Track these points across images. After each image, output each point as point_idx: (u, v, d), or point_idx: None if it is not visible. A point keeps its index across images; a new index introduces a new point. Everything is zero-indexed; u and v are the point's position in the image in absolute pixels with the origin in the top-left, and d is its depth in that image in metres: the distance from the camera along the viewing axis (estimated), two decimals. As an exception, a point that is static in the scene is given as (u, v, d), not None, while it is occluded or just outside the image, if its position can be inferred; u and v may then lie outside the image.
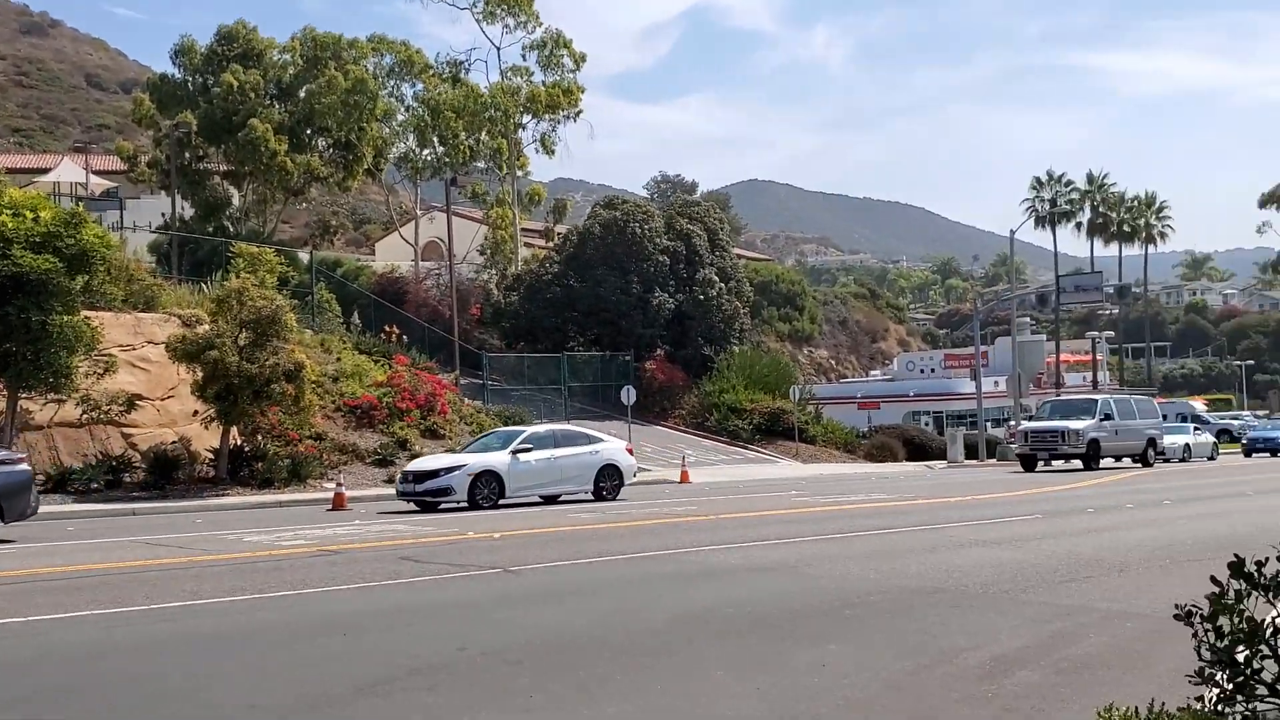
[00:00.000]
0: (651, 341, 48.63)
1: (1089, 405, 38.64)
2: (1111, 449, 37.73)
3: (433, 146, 56.54)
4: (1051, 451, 36.63)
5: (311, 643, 8.61)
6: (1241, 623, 4.39)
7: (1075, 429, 36.19)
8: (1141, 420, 39.62)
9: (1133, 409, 39.83)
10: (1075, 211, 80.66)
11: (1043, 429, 37.43)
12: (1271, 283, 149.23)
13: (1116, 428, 37.53)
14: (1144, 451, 38.87)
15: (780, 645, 8.15)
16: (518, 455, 23.33)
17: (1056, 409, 39.66)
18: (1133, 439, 38.57)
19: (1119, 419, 37.87)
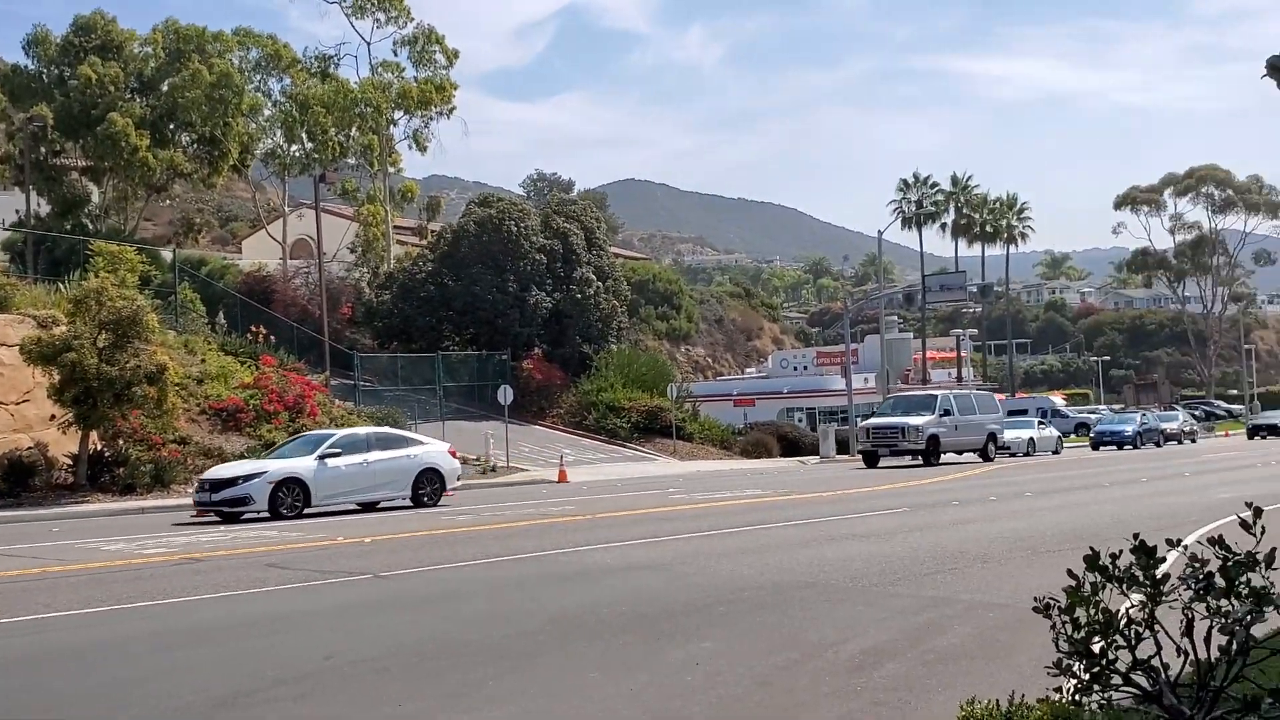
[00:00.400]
0: (529, 340, 48.39)
1: (929, 401, 38.41)
2: (951, 444, 37.64)
3: (301, 142, 55.31)
4: (892, 447, 36.26)
5: (172, 655, 8.30)
6: (1097, 614, 4.51)
7: (915, 425, 35.98)
8: (982, 415, 39.49)
9: (973, 404, 39.73)
10: (940, 213, 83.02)
11: (883, 425, 37.04)
12: (1126, 281, 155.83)
13: (956, 423, 37.51)
14: (984, 446, 38.76)
15: (655, 644, 8.14)
16: (325, 460, 21.90)
17: (898, 405, 39.35)
18: (973, 434, 38.48)
19: (959, 414, 37.81)
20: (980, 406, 40.16)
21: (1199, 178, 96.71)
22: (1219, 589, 4.23)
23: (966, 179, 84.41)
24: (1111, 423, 55.99)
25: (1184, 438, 57.48)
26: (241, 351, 37.78)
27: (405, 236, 61.48)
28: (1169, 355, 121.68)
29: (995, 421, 40.66)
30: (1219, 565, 4.33)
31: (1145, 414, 59.86)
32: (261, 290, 49.73)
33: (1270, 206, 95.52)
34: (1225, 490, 21.35)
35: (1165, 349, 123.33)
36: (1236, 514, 14.59)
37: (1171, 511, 17.31)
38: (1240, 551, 4.31)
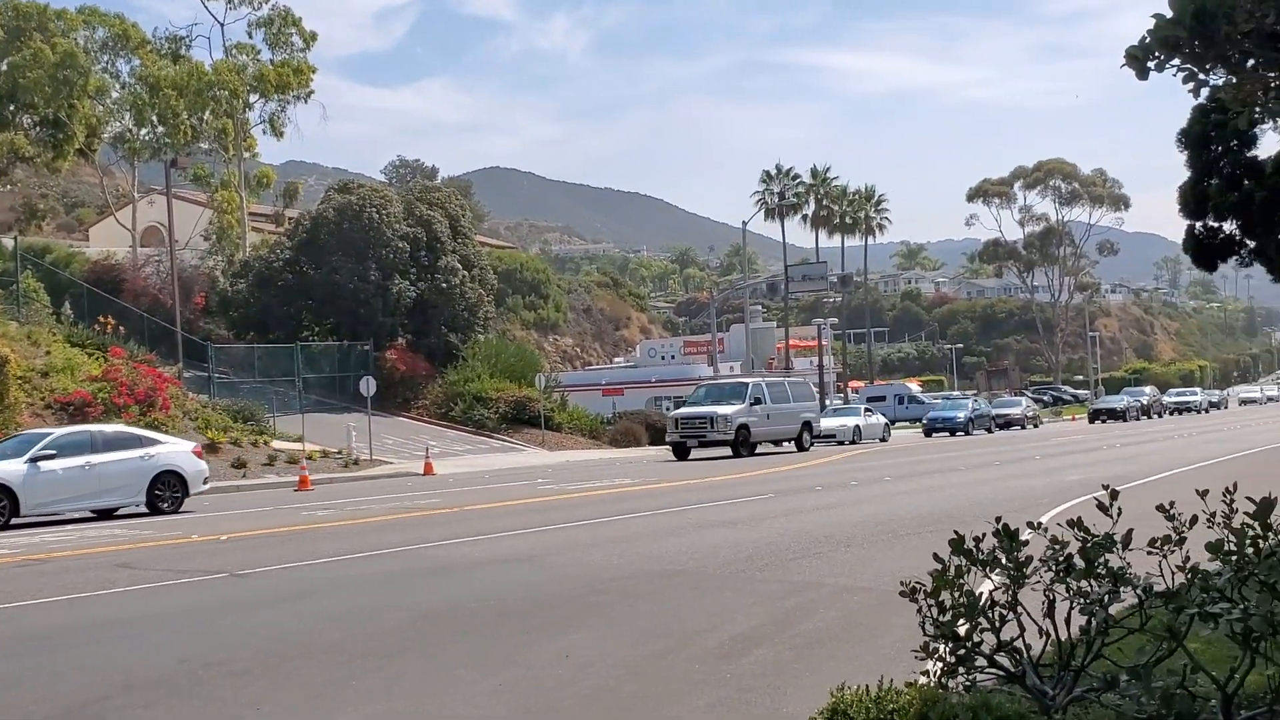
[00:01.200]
0: (392, 330, 47.57)
1: (740, 389, 36.53)
2: (763, 434, 35.85)
3: (152, 126, 53.18)
4: (700, 438, 34.28)
5: (16, 662, 7.84)
6: (961, 597, 4.57)
7: (724, 414, 34.18)
8: (796, 404, 37.74)
9: (786, 392, 37.82)
10: (802, 204, 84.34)
11: (692, 415, 35.18)
12: (978, 271, 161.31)
13: (769, 412, 35.74)
14: (799, 436, 37.11)
15: (524, 638, 8.03)
16: (38, 464, 19.60)
17: (710, 393, 37.37)
18: (786, 423, 36.85)
19: (771, 403, 35.99)
20: (795, 394, 38.34)
21: (1047, 171, 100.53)
22: (1079, 570, 4.32)
23: (826, 171, 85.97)
24: (943, 409, 54.86)
25: (1026, 423, 57.81)
26: (89, 343, 36.21)
27: (261, 224, 59.75)
28: (1019, 342, 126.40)
29: (811, 410, 39.13)
30: (1079, 547, 4.43)
31: (977, 400, 59.13)
32: (110, 279, 47.74)
33: (1113, 199, 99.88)
34: (1074, 473, 22.21)
35: (1015, 336, 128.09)
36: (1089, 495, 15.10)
37: (1025, 494, 17.90)
38: (1099, 533, 4.42)
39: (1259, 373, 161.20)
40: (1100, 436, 41.12)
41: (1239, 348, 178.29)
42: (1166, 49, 4.09)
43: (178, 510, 21.14)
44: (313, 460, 30.73)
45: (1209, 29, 3.83)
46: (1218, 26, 3.83)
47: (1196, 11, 3.81)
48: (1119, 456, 28.01)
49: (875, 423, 46.57)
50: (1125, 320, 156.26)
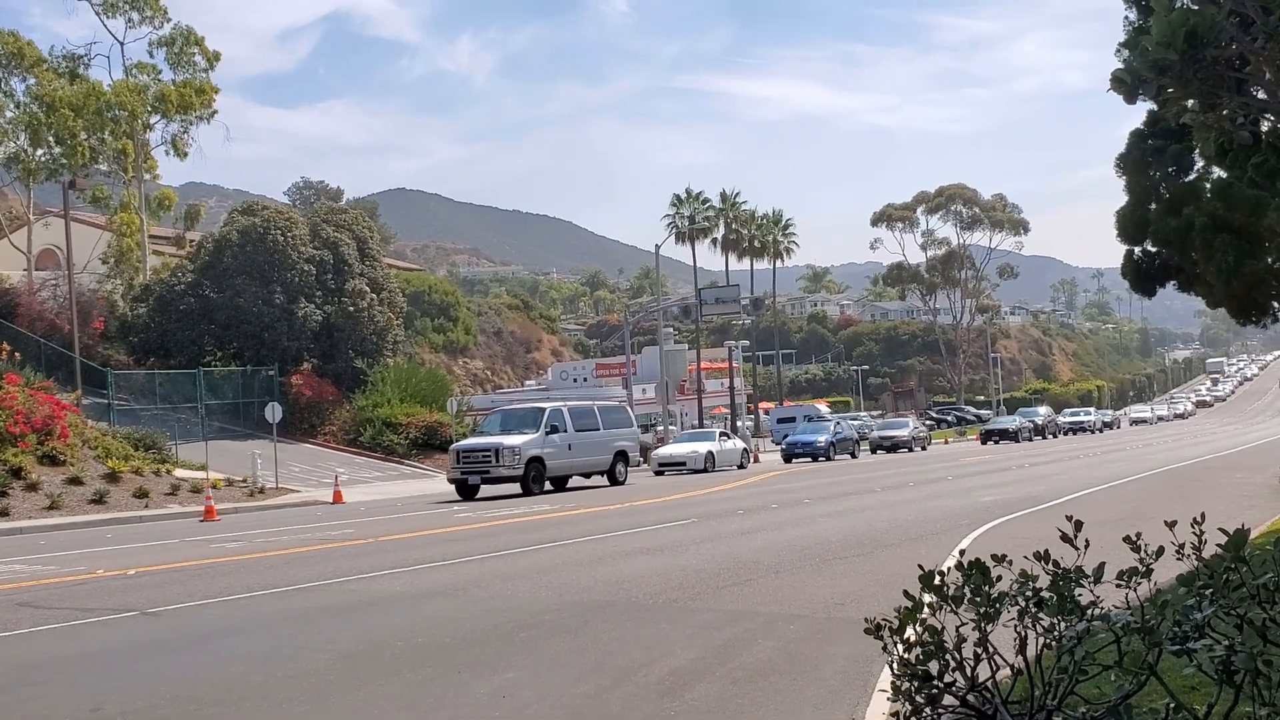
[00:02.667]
0: (298, 355, 46.58)
1: (534, 415, 31.66)
2: (563, 467, 31.41)
3: (48, 146, 51.42)
4: (484, 474, 29.37)
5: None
6: (925, 634, 4.44)
7: (511, 446, 29.42)
8: (608, 432, 33.02)
9: (595, 418, 32.96)
10: (712, 228, 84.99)
11: (474, 447, 30.15)
12: (882, 294, 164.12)
13: (571, 441, 31.18)
14: (611, 468, 32.81)
15: (456, 677, 7.73)
16: None
17: (506, 420, 32.45)
18: (593, 454, 32.27)
19: (574, 431, 31.37)
20: (607, 420, 33.50)
21: (948, 196, 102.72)
22: (1051, 605, 4.21)
23: (735, 196, 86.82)
24: (803, 433, 50.97)
25: (914, 445, 55.98)
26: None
27: (162, 246, 58.21)
28: (922, 363, 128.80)
29: (628, 438, 34.39)
30: (1049, 581, 4.33)
31: (840, 422, 55.76)
32: (4, 304, 45.95)
33: (1013, 224, 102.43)
34: (988, 494, 22.49)
35: (919, 358, 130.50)
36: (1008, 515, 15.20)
37: (944, 515, 18.04)
38: (1069, 566, 4.32)
39: (1154, 392, 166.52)
40: (1007, 457, 41.85)
41: (1134, 368, 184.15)
42: (1156, 73, 4.06)
43: None
44: (217, 489, 29.83)
45: (1200, 54, 3.81)
46: (1207, 49, 3.81)
47: (1189, 34, 3.78)
48: (1029, 477, 28.48)
49: (732, 448, 42.10)
50: (1025, 342, 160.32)
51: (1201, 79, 3.95)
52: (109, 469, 29.64)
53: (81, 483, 28.33)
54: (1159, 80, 4.07)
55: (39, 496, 26.72)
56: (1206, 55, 3.83)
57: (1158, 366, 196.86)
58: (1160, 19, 3.86)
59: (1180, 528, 4.40)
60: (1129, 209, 14.79)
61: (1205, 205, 13.06)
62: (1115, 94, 4.50)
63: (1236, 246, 13.04)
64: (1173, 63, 3.86)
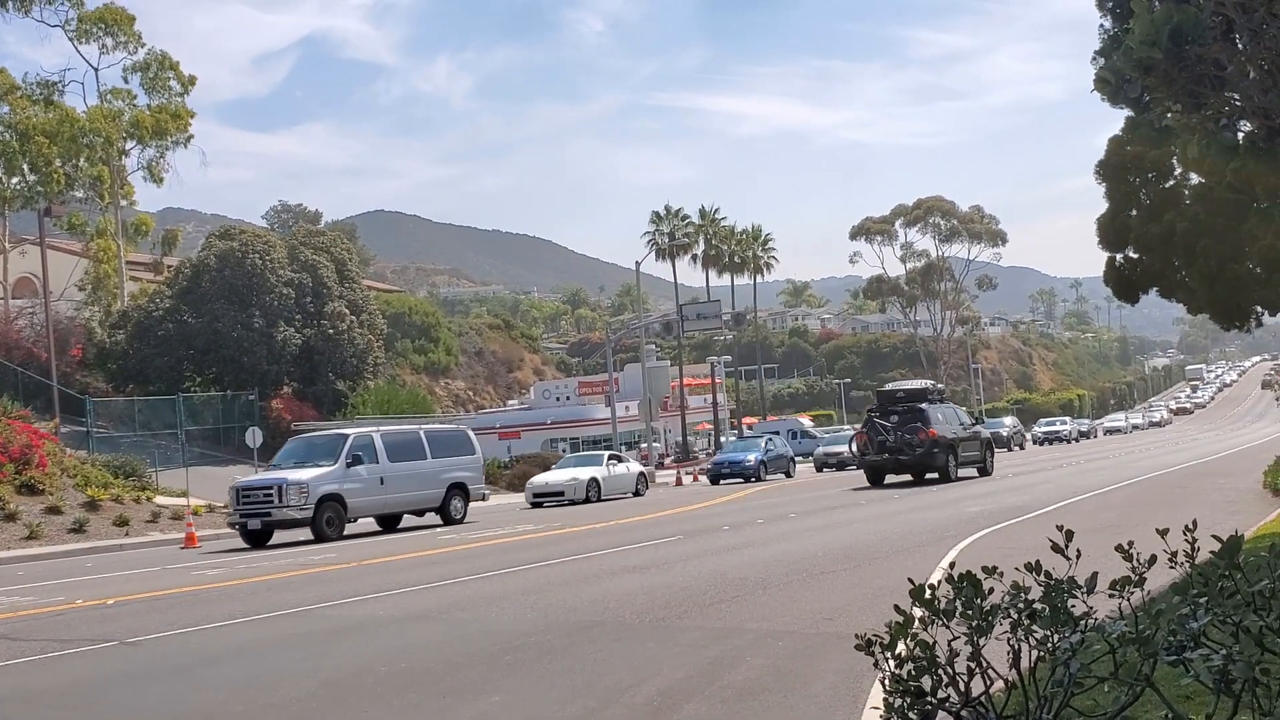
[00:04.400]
0: (278, 379, 46.38)
1: (334, 444, 25.97)
2: (371, 506, 26.12)
3: (23, 174, 51.16)
4: (265, 517, 24.25)
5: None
6: (916, 648, 4.36)
7: (299, 481, 24.17)
8: (438, 462, 27.52)
9: (421, 446, 27.36)
10: (692, 244, 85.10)
11: (256, 485, 25.06)
12: (862, 307, 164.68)
13: (383, 475, 25.85)
14: (444, 504, 27.47)
15: (441, 702, 7.61)
16: None
17: (303, 450, 26.70)
18: (417, 489, 26.93)
19: (388, 462, 26.00)
20: (437, 448, 27.84)
21: (927, 208, 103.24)
22: (1044, 618, 4.14)
23: (715, 212, 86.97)
24: (730, 451, 46.54)
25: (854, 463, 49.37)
26: (-44, 399, 34.45)
27: (140, 272, 57.97)
28: (904, 375, 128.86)
29: (467, 468, 28.61)
30: (1041, 593, 4.25)
31: (772, 438, 49.29)
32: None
33: (991, 235, 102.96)
34: (973, 505, 22.45)
35: (900, 370, 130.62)
36: (995, 525, 15.14)
37: (931, 527, 17.98)
38: (1061, 577, 4.25)
39: (1134, 399, 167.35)
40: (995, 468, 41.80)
41: (1114, 376, 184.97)
42: (1140, 71, 4.02)
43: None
44: (199, 515, 29.56)
45: (1184, 51, 3.77)
46: (1191, 47, 3.77)
47: (1173, 32, 3.74)
48: (1012, 487, 28.47)
49: (624, 473, 36.57)
50: (1005, 352, 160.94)
51: (1186, 77, 3.92)
52: (88, 497, 29.34)
53: (60, 512, 28.01)
54: (1143, 79, 4.03)
55: (17, 526, 26.39)
56: (1190, 53, 3.80)
57: (1137, 374, 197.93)
58: (1143, 18, 3.82)
59: (1171, 535, 4.34)
60: (1109, 216, 14.80)
61: (1186, 211, 13.09)
62: (1098, 95, 4.46)
63: (1218, 252, 13.07)
64: (1157, 61, 3.83)
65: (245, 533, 24.76)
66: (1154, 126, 7.53)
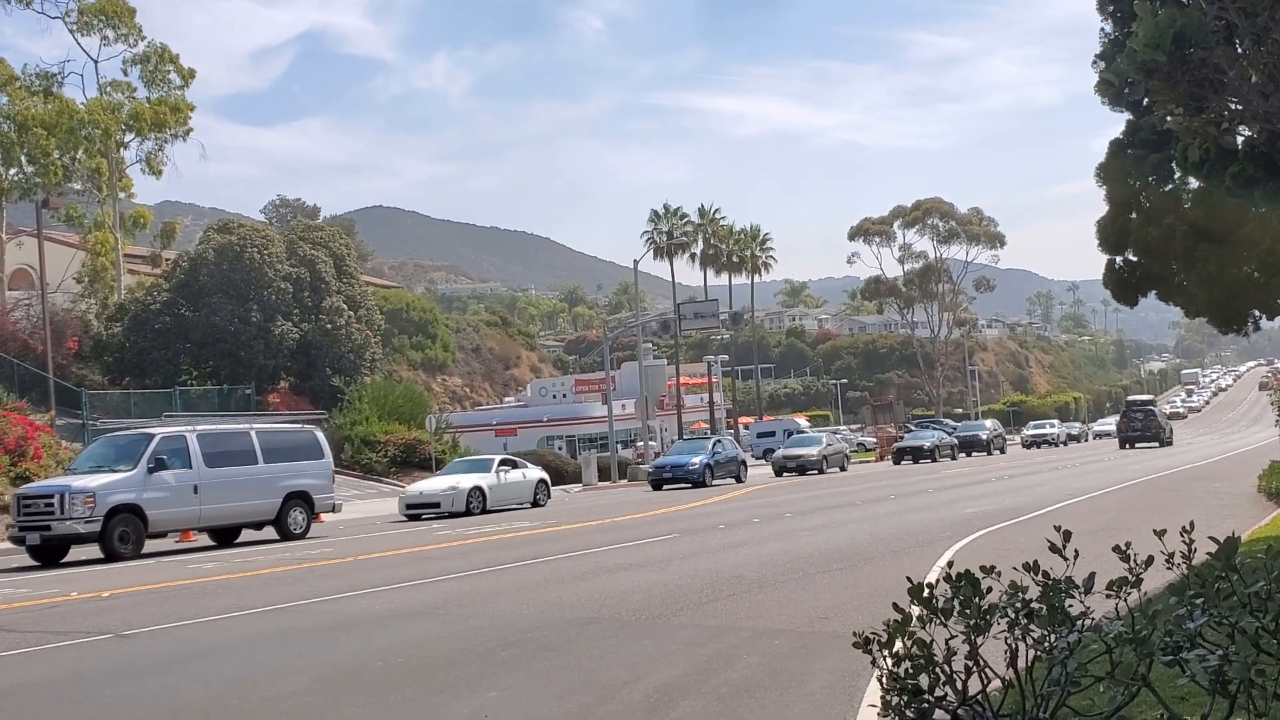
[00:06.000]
0: (275, 373, 46.36)
1: (137, 445, 22.20)
2: (181, 519, 22.38)
3: (20, 165, 51.06)
4: (45, 532, 20.74)
5: None
6: (914, 647, 4.37)
7: (84, 489, 20.75)
8: (272, 467, 23.71)
9: (251, 449, 23.57)
10: (690, 243, 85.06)
11: (37, 493, 21.56)
12: (860, 308, 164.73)
13: (197, 482, 22.15)
14: (280, 516, 23.76)
15: (437, 698, 7.61)
16: None
17: (103, 452, 23.18)
18: (244, 498, 23.15)
19: (204, 468, 22.28)
20: (271, 451, 23.98)
21: (925, 210, 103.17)
22: (1042, 617, 4.16)
23: (714, 211, 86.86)
24: (674, 454, 42.65)
25: (825, 465, 46.93)
26: (-48, 391, 34.44)
27: (137, 265, 57.86)
28: (900, 377, 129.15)
29: (310, 474, 24.80)
30: (1039, 593, 4.27)
31: (720, 440, 45.40)
32: (-25, 324, 45.59)
33: (989, 237, 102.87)
34: (970, 506, 22.48)
35: (897, 371, 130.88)
36: (991, 527, 15.12)
37: (926, 528, 18.00)
38: (1059, 577, 4.27)
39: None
40: (990, 470, 41.90)
41: (1110, 379, 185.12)
42: (1143, 74, 4.04)
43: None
44: (195, 510, 29.49)
45: (1187, 55, 3.79)
46: (1194, 50, 3.79)
47: (1176, 36, 3.76)
48: (1008, 489, 28.52)
49: (520, 480, 32.23)
50: (1002, 354, 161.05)
51: (1188, 80, 3.93)
52: (84, 490, 29.29)
53: (55, 504, 27.96)
54: (1146, 82, 4.05)
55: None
56: (1193, 57, 3.82)
57: (1133, 378, 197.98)
58: (1148, 21, 3.84)
59: (1168, 537, 4.36)
60: (1109, 219, 14.83)
61: (1186, 214, 13.12)
62: (1100, 98, 4.47)
63: (1218, 255, 13.10)
64: (1160, 64, 3.85)
65: (30, 549, 21.04)
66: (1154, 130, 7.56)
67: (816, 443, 49.27)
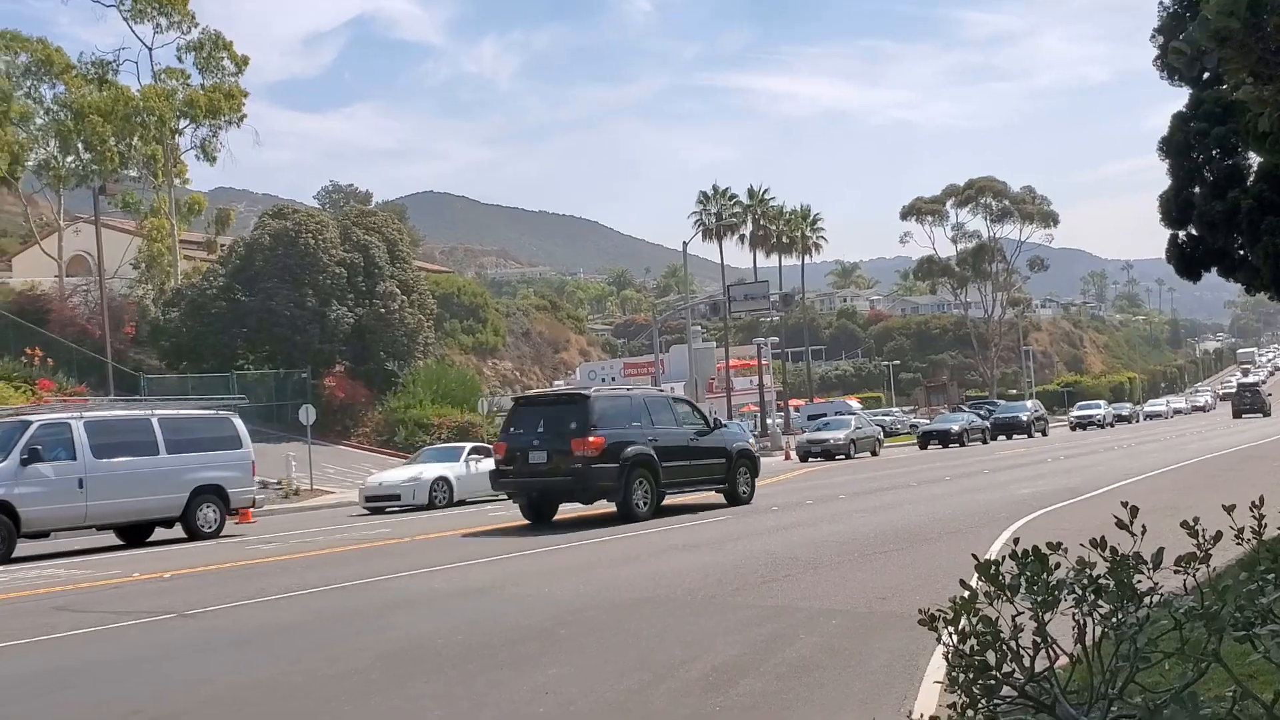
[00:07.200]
0: (330, 357, 46.82)
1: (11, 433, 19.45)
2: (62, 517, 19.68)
3: (78, 153, 52.02)
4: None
5: (-52, 721, 7.33)
6: (979, 624, 4.35)
7: None
8: (178, 458, 21.16)
9: (150, 438, 20.89)
10: (740, 224, 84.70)
11: None
12: (912, 289, 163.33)
13: (83, 475, 19.53)
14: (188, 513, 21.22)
15: (498, 674, 7.69)
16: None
17: None
18: (139, 494, 20.38)
19: (92, 458, 19.72)
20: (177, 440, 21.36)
21: (978, 189, 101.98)
22: (1110, 593, 4.12)
23: (763, 192, 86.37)
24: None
25: (853, 449, 44.47)
26: (15, 375, 35.25)
27: (192, 251, 58.70)
28: (953, 358, 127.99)
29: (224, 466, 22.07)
30: (1107, 569, 4.23)
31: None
32: (36, 310, 46.51)
33: (1043, 216, 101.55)
34: (1025, 487, 22.27)
35: (950, 352, 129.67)
36: (1047, 507, 14.93)
37: (983, 508, 17.86)
38: (1128, 552, 4.22)
39: (1185, 383, 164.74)
40: (1044, 450, 41.47)
41: (1165, 359, 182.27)
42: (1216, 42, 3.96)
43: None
44: (253, 492, 29.95)
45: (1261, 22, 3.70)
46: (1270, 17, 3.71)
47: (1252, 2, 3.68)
48: (1064, 469, 28.22)
49: (472, 473, 28.37)
50: (1056, 334, 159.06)
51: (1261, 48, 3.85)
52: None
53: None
54: (1219, 50, 3.97)
55: None
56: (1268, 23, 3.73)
57: (1188, 357, 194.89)
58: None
59: (1237, 512, 4.30)
60: (1172, 193, 14.54)
61: (1251, 189, 12.85)
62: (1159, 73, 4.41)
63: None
64: (1234, 31, 3.77)
65: None
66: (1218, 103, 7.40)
67: (844, 426, 46.53)
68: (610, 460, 18.82)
